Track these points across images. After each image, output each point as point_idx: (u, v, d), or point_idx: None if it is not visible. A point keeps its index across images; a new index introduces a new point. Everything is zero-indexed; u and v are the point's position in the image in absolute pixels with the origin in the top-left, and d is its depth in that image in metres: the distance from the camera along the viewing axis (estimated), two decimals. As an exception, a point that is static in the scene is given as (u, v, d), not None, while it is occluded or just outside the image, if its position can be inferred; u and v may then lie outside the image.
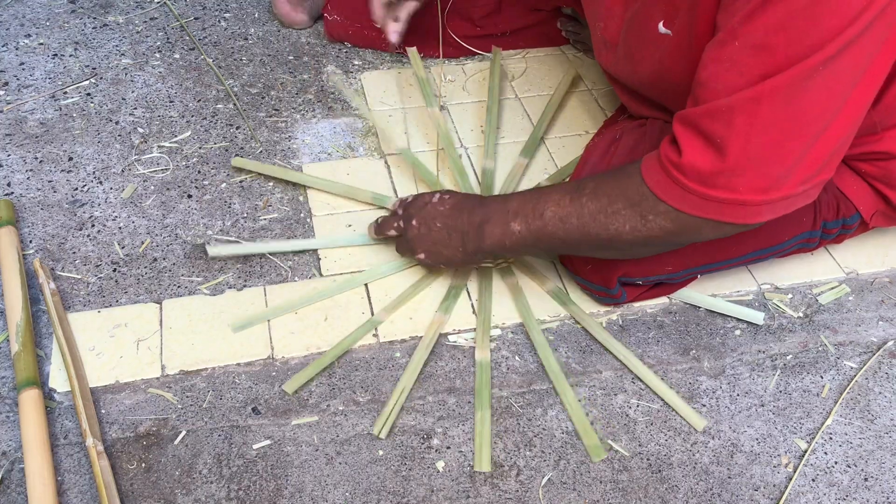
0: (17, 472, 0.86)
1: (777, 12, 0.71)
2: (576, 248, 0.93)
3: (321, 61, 1.44)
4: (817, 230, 1.03)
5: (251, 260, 1.08)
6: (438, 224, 0.98)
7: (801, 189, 0.79)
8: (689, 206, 0.80)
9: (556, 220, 0.88)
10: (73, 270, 1.06)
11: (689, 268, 1.00)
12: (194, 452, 0.88)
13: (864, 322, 1.06)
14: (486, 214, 0.94)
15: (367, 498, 0.86)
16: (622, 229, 0.84)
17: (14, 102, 1.31)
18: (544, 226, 0.89)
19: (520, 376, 0.97)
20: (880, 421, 0.95)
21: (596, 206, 0.86)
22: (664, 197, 0.81)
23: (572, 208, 0.87)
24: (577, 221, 0.87)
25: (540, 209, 0.89)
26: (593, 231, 0.86)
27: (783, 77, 0.72)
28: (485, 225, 0.94)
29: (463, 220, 0.96)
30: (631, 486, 0.88)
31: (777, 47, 0.72)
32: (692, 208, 0.80)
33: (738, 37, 0.74)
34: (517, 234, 0.92)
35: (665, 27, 0.91)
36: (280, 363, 0.97)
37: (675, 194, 0.80)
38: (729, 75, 0.75)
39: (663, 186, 0.80)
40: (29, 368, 0.90)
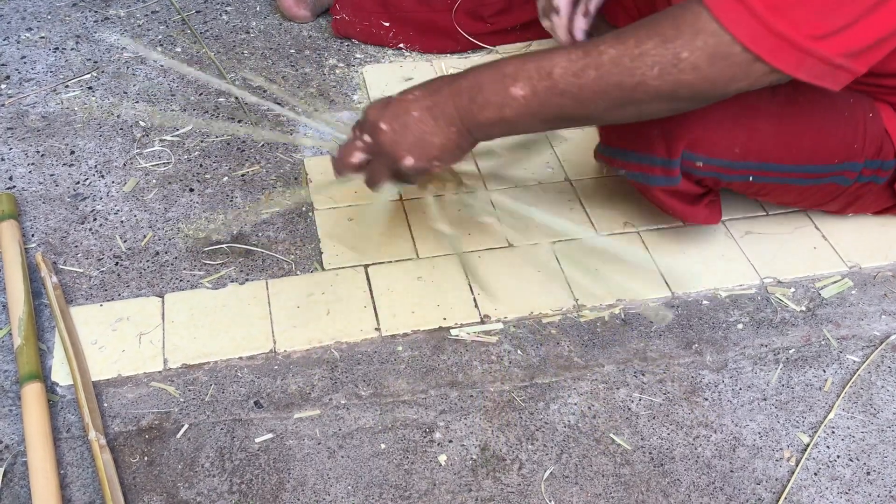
0: (20, 465, 0.86)
1: None
2: (588, 112, 0.82)
3: (323, 55, 1.43)
4: (860, 163, 1.01)
5: (253, 253, 1.08)
6: (415, 113, 0.84)
7: (839, 60, 0.74)
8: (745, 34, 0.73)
9: (568, 75, 0.78)
10: (75, 264, 1.06)
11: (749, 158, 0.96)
12: (197, 446, 0.89)
13: (866, 316, 1.06)
14: (475, 83, 0.83)
15: (370, 491, 0.86)
16: (649, 73, 0.76)
17: (16, 96, 1.31)
18: (554, 85, 0.79)
19: (522, 370, 0.97)
20: (883, 415, 0.95)
21: (618, 50, 0.77)
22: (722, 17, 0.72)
23: (588, 59, 0.78)
24: (594, 73, 0.77)
25: (546, 67, 0.79)
26: (614, 79, 0.77)
27: None
28: (477, 95, 0.82)
29: (444, 95, 0.84)
30: (633, 480, 0.88)
31: None
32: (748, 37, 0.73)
33: None
34: (520, 100, 0.81)
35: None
36: (282, 357, 0.97)
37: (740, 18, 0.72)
38: None
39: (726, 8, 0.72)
40: (31, 362, 0.90)
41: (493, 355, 0.99)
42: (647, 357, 0.99)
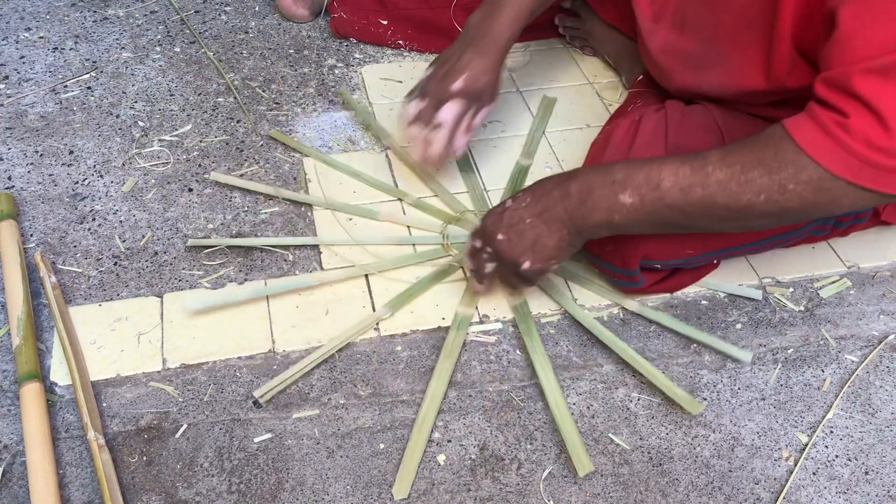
0: (19, 465, 0.86)
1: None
2: (694, 223, 0.85)
3: (322, 55, 1.43)
4: (830, 218, 1.02)
5: (252, 253, 1.08)
6: (528, 220, 0.90)
7: None
8: (848, 171, 0.74)
9: (676, 190, 0.81)
10: (73, 264, 1.06)
11: (709, 251, 0.99)
12: (195, 446, 0.89)
13: (865, 316, 1.06)
14: (585, 187, 0.86)
15: (368, 491, 0.86)
16: (755, 200, 0.78)
17: (14, 96, 1.31)
18: (661, 197, 0.82)
19: (521, 370, 0.97)
20: (881, 415, 0.95)
21: (725, 174, 0.79)
22: (823, 161, 0.74)
23: (696, 178, 0.80)
24: (701, 192, 0.80)
25: (654, 179, 0.82)
26: (721, 202, 0.79)
27: None
28: (587, 199, 0.86)
29: (554, 200, 0.88)
30: (632, 480, 0.88)
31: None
32: (851, 173, 0.74)
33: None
34: (629, 207, 0.83)
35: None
36: (281, 356, 0.97)
37: (836, 157, 0.73)
38: (871, 31, 0.71)
39: (822, 148, 0.74)
40: (30, 362, 0.90)
41: (491, 355, 0.99)
42: (645, 356, 0.99)
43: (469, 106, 1.05)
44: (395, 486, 0.86)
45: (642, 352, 1.00)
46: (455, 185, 1.20)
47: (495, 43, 1.05)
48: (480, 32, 1.05)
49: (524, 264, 0.91)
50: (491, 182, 1.21)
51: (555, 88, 1.39)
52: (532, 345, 0.98)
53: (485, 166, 1.23)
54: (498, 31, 1.05)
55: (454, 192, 1.18)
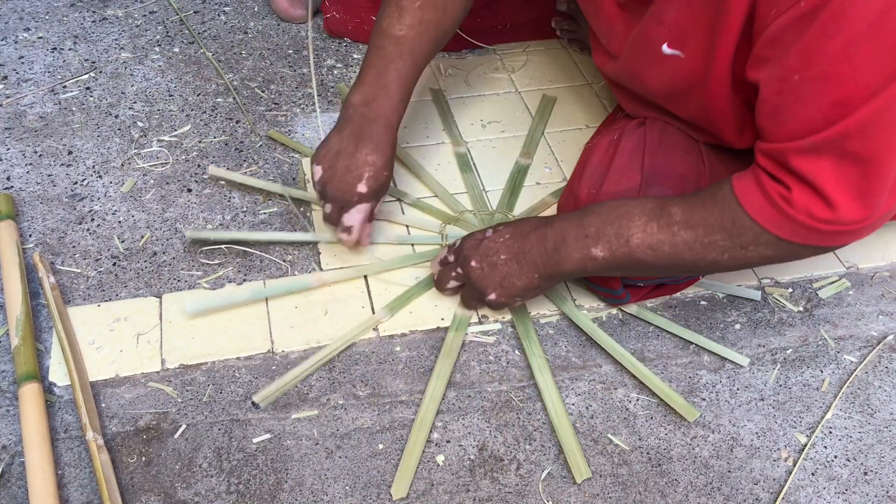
0: (18, 465, 0.86)
1: (836, 42, 0.70)
2: (663, 273, 0.90)
3: (321, 55, 1.43)
4: None
5: (251, 254, 1.08)
6: (503, 256, 0.94)
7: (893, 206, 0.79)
8: (797, 237, 0.80)
9: (644, 247, 0.86)
10: (72, 264, 1.06)
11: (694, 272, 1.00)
12: (194, 446, 0.89)
13: (864, 316, 1.06)
14: (560, 236, 0.90)
15: (367, 492, 0.86)
16: (720, 258, 0.84)
17: (13, 96, 1.30)
18: (631, 253, 0.86)
19: (520, 370, 0.97)
20: (880, 415, 0.95)
21: (691, 235, 0.84)
22: (774, 230, 0.80)
23: (663, 236, 0.85)
24: (669, 250, 0.85)
25: (624, 235, 0.86)
26: (688, 259, 0.85)
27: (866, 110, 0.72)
28: (561, 248, 0.90)
29: (531, 244, 0.92)
30: (631, 480, 0.88)
31: (843, 74, 0.71)
32: (800, 238, 0.80)
33: (797, 70, 0.74)
34: (600, 260, 0.88)
35: (671, 48, 0.90)
36: (280, 357, 0.97)
37: (786, 227, 0.79)
38: (796, 108, 0.75)
39: (772, 220, 0.79)
40: (29, 362, 0.90)
41: (490, 355, 0.99)
42: (644, 357, 0.99)
43: (373, 205, 1.02)
44: (394, 486, 0.86)
45: (641, 352, 1.00)
46: (454, 185, 1.20)
47: (387, 132, 1.00)
48: (368, 120, 1.00)
49: (490, 296, 0.96)
50: (490, 182, 1.21)
51: (553, 89, 1.39)
52: (530, 347, 0.98)
53: (484, 166, 1.23)
54: (386, 117, 1.00)
55: (453, 193, 1.18)
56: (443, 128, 1.30)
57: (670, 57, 0.91)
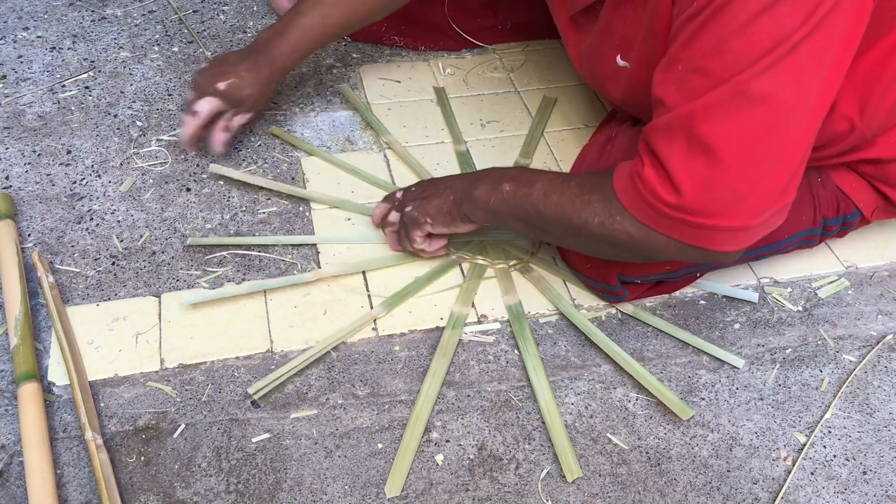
0: (17, 465, 0.86)
1: (711, 36, 0.74)
2: (549, 226, 0.91)
3: (320, 54, 1.43)
4: (818, 227, 1.03)
5: (250, 254, 1.08)
6: (440, 186, 1.01)
7: (759, 220, 0.78)
8: (646, 219, 0.80)
9: (541, 193, 0.89)
10: (71, 264, 1.06)
11: (687, 267, 1.00)
12: (193, 446, 0.88)
13: (863, 316, 1.06)
14: (483, 175, 0.97)
15: (367, 491, 0.86)
16: (591, 220, 0.85)
17: (12, 96, 1.30)
18: (529, 193, 0.90)
19: (519, 370, 0.97)
20: (879, 414, 0.96)
21: (577, 191, 0.87)
22: (626, 204, 0.82)
23: (558, 186, 0.89)
24: (556, 199, 0.88)
25: (533, 179, 0.91)
26: (567, 213, 0.87)
27: (715, 92, 0.74)
28: (479, 180, 0.96)
29: (457, 180, 1.01)
30: (630, 480, 0.88)
31: (713, 69, 0.74)
32: (650, 221, 0.80)
33: (680, 60, 0.77)
34: (503, 193, 0.93)
35: (623, 60, 0.93)
36: (279, 356, 0.97)
37: (636, 204, 0.81)
38: (672, 97, 0.78)
39: (626, 193, 0.82)
40: (28, 362, 0.90)
41: (490, 355, 0.99)
42: (643, 357, 0.99)
43: (227, 108, 1.14)
44: (388, 483, 0.86)
45: (640, 351, 1.00)
46: (453, 184, 1.20)
47: (271, 65, 1.14)
48: (262, 50, 1.14)
49: (407, 207, 1.02)
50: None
51: (552, 88, 1.39)
52: (525, 347, 0.98)
53: (483, 165, 1.23)
54: (278, 55, 1.14)
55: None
56: (442, 127, 1.30)
57: (623, 69, 0.94)
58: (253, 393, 0.92)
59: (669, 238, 0.80)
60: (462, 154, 1.25)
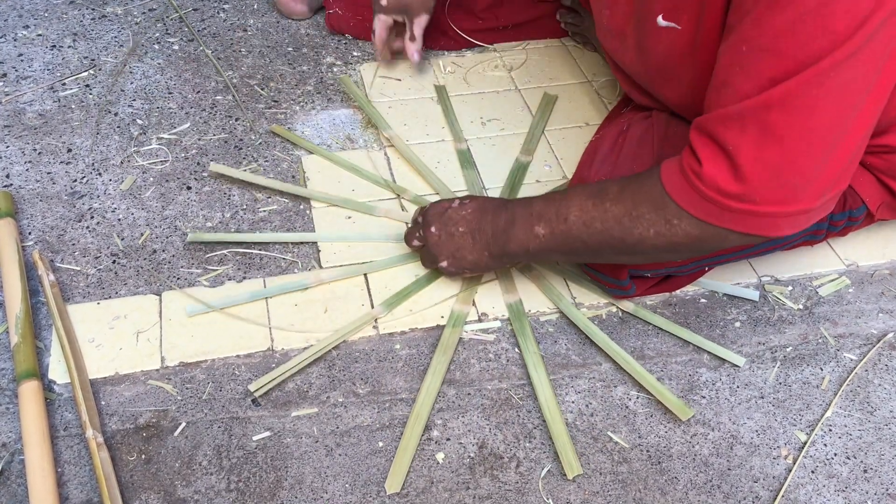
0: (17, 463, 0.86)
1: (785, 15, 0.70)
2: (599, 254, 0.90)
3: (320, 52, 1.43)
4: (824, 222, 1.02)
5: (250, 252, 1.08)
6: (461, 228, 0.96)
7: (819, 202, 0.78)
8: (709, 216, 0.79)
9: (580, 224, 0.87)
10: (72, 262, 1.06)
11: (696, 259, 1.00)
12: (194, 444, 0.89)
13: (864, 314, 1.06)
14: (511, 217, 0.93)
15: (367, 489, 0.86)
16: (646, 234, 0.83)
17: (13, 94, 1.30)
18: (568, 230, 0.88)
19: (519, 368, 0.97)
20: (880, 413, 0.95)
21: (620, 209, 0.84)
22: (685, 206, 0.79)
23: (596, 212, 0.86)
24: (600, 226, 0.85)
25: (564, 213, 0.88)
26: (617, 235, 0.85)
27: (793, 82, 0.71)
28: (510, 228, 0.92)
29: (487, 222, 0.95)
30: (630, 478, 0.88)
31: (786, 51, 0.71)
32: (713, 218, 0.79)
33: (746, 40, 0.73)
34: (541, 238, 0.90)
35: (665, 20, 0.90)
36: (280, 355, 0.97)
37: (696, 203, 0.79)
38: (738, 80, 0.74)
39: (683, 194, 0.79)
40: (28, 360, 0.90)
41: (490, 353, 0.99)
42: (644, 355, 0.99)
43: (400, 19, 1.29)
44: (388, 480, 0.86)
45: (641, 350, 1.00)
46: (454, 182, 1.20)
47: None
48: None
49: (442, 263, 0.99)
50: (490, 179, 1.21)
51: (553, 86, 1.39)
52: (525, 344, 0.98)
53: (483, 163, 1.23)
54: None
55: (454, 190, 1.18)
56: (443, 125, 1.30)
57: (666, 29, 0.90)
58: (254, 390, 0.92)
59: (731, 231, 0.79)
60: (463, 152, 1.25)
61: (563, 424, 0.91)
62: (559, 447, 0.89)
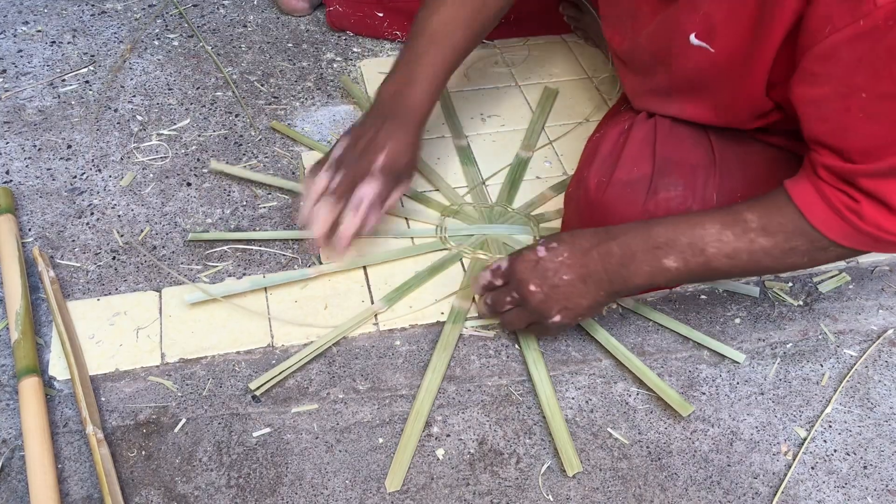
0: (18, 459, 0.86)
1: None
2: (735, 277, 0.91)
3: (320, 49, 1.43)
4: None
5: (251, 248, 1.08)
6: (566, 277, 0.88)
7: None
8: (864, 245, 0.81)
9: (721, 256, 0.84)
10: (72, 258, 1.06)
11: None
12: (194, 440, 0.89)
13: (863, 310, 1.06)
14: (627, 250, 0.87)
15: (367, 486, 0.86)
16: (799, 262, 0.84)
17: (12, 90, 1.30)
18: (707, 262, 0.84)
19: (519, 364, 0.97)
20: (880, 409, 0.96)
21: (770, 243, 0.83)
22: (839, 240, 0.81)
23: (740, 244, 0.84)
24: (747, 258, 0.84)
25: (699, 245, 0.84)
26: (766, 265, 0.85)
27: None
28: (629, 263, 0.86)
29: (594, 262, 0.88)
30: (630, 474, 0.88)
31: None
32: (867, 247, 0.82)
33: (864, 89, 0.74)
34: (673, 272, 0.86)
35: (699, 39, 0.88)
36: (280, 351, 0.97)
37: (852, 236, 0.80)
38: (867, 126, 0.75)
39: (838, 231, 0.80)
40: (29, 356, 0.90)
41: (490, 350, 0.99)
42: (644, 351, 0.99)
43: (388, 185, 0.99)
44: (388, 477, 0.86)
45: (641, 346, 1.00)
46: (454, 178, 1.20)
47: (413, 118, 1.01)
48: (396, 107, 1.01)
49: (554, 318, 0.90)
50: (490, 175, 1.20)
51: (554, 82, 1.39)
52: (526, 341, 0.98)
53: (483, 159, 1.23)
54: (414, 106, 1.01)
55: (454, 186, 1.18)
56: (443, 121, 1.29)
57: (698, 49, 0.89)
58: (254, 389, 0.92)
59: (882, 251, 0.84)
60: (463, 148, 1.24)
61: (563, 421, 0.91)
62: (559, 444, 0.89)
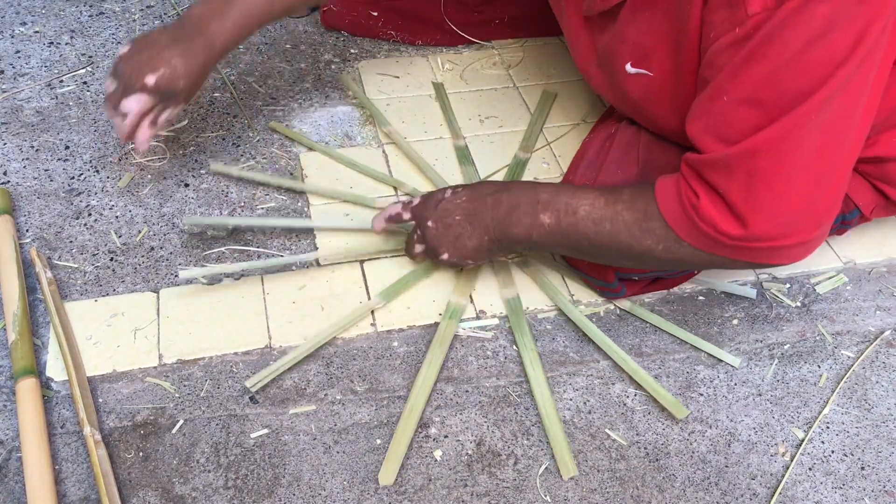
0: (15, 461, 0.86)
1: (762, 67, 0.73)
2: (603, 254, 0.91)
3: (318, 50, 1.43)
4: None
5: (248, 248, 1.08)
6: (458, 217, 0.94)
7: (817, 233, 0.81)
8: (709, 248, 0.82)
9: (589, 220, 0.86)
10: (69, 259, 1.05)
11: None
12: (192, 441, 0.89)
13: (861, 311, 1.06)
14: (514, 200, 0.91)
15: (365, 486, 0.86)
16: (654, 247, 0.84)
17: (10, 91, 1.30)
18: (576, 223, 0.87)
19: (517, 365, 0.97)
20: (877, 410, 0.96)
21: (631, 217, 0.85)
22: (685, 237, 0.82)
23: (607, 212, 0.86)
24: (610, 227, 0.86)
25: (574, 205, 0.87)
26: (625, 241, 0.85)
27: (775, 128, 0.74)
28: (512, 213, 0.91)
29: (486, 206, 0.93)
30: (628, 475, 0.88)
31: (766, 100, 0.74)
32: (713, 249, 0.82)
33: (725, 92, 0.76)
34: (545, 227, 0.89)
35: (635, 67, 0.91)
36: (278, 352, 0.97)
37: (693, 235, 0.82)
38: (723, 129, 0.78)
39: (682, 225, 0.82)
40: (26, 357, 0.90)
41: (488, 351, 0.99)
42: (642, 353, 0.99)
43: (157, 102, 0.99)
44: (381, 471, 0.86)
45: (639, 347, 1.00)
46: (453, 178, 1.20)
47: (209, 49, 0.99)
48: (194, 31, 0.99)
49: (442, 255, 0.97)
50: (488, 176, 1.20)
51: (551, 84, 1.39)
52: (522, 341, 0.98)
53: (482, 160, 1.23)
54: (217, 36, 0.99)
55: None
56: (441, 122, 1.29)
57: (635, 76, 0.92)
58: (251, 386, 0.92)
59: (735, 260, 0.83)
60: (461, 149, 1.24)
61: (560, 424, 0.91)
62: (555, 448, 0.89)
